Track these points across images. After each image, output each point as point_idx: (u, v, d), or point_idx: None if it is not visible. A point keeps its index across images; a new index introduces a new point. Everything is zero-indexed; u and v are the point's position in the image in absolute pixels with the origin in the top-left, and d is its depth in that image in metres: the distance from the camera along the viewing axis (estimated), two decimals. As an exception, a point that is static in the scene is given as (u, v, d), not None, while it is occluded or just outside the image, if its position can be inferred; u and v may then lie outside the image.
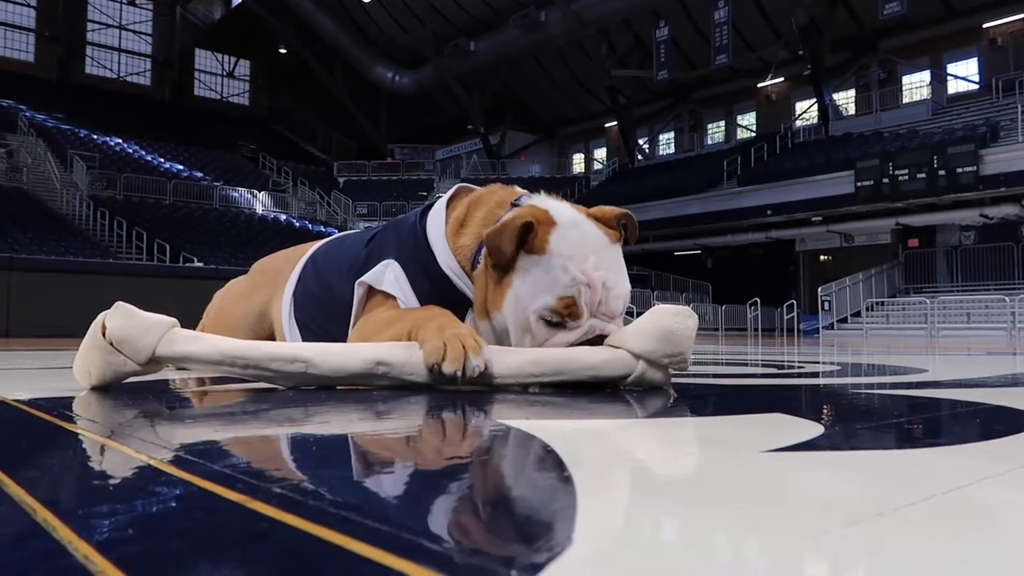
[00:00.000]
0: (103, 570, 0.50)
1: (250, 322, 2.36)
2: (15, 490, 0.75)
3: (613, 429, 1.30)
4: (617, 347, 1.82)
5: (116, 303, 1.77)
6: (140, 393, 1.76)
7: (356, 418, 1.38)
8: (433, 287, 1.96)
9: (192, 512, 0.69)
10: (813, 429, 1.21)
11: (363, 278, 2.02)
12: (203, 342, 1.75)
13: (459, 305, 1.95)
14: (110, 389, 1.77)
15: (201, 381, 2.14)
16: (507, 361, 1.75)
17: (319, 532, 0.60)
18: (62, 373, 1.98)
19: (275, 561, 0.56)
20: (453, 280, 1.96)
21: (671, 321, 1.81)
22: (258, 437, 1.18)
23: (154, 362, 1.74)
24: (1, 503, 0.71)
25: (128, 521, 0.65)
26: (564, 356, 1.78)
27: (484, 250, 1.88)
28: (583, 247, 1.82)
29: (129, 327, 1.71)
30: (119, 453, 0.99)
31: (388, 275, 1.99)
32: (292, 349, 1.77)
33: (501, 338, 1.89)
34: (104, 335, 1.72)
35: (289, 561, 0.56)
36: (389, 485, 0.83)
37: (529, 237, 1.81)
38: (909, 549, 0.57)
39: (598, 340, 1.82)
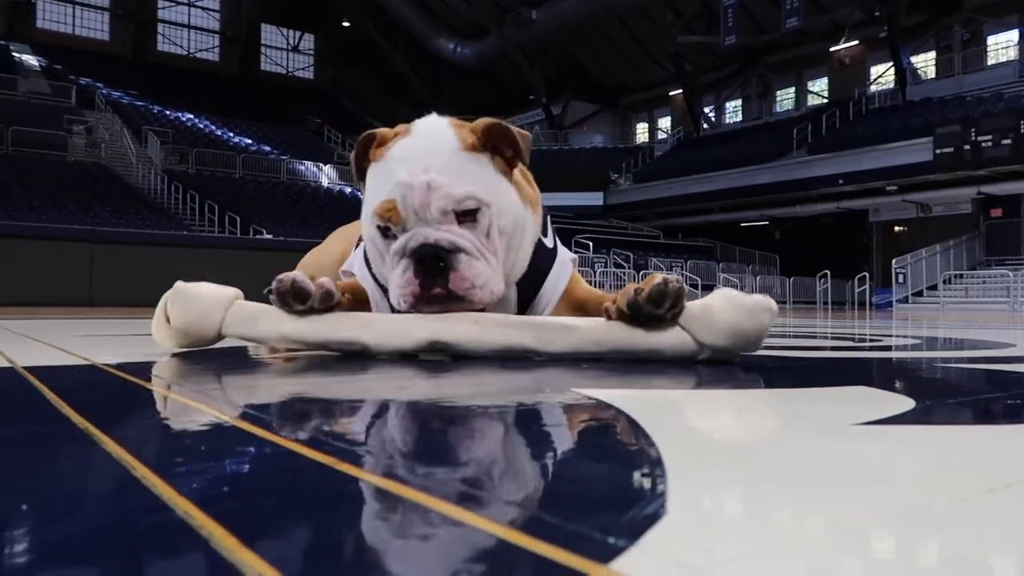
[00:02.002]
0: (204, 525, 0.51)
1: (326, 272, 2.41)
2: (113, 447, 0.77)
3: (694, 400, 1.28)
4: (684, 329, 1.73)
5: (176, 286, 1.78)
6: (224, 357, 1.81)
7: (435, 385, 1.39)
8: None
9: (281, 472, 0.70)
10: (902, 403, 1.16)
11: (343, 267, 2.09)
12: (264, 324, 1.76)
13: None
14: (193, 353, 1.83)
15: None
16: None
17: (404, 493, 0.60)
18: (145, 339, 2.06)
19: (363, 521, 0.56)
20: None
21: (744, 319, 1.65)
22: (342, 401, 1.20)
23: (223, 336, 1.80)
24: (102, 460, 0.73)
25: (222, 479, 0.67)
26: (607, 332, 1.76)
27: None
28: (421, 151, 1.74)
29: (189, 317, 1.75)
30: (206, 415, 1.02)
31: (356, 256, 2.04)
32: (349, 333, 1.75)
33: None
34: (169, 322, 1.78)
35: (377, 521, 0.56)
36: (473, 451, 0.83)
37: (372, 149, 1.81)
38: (1028, 528, 0.54)
39: (429, 249, 1.68)
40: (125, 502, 0.59)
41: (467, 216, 1.70)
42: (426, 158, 1.72)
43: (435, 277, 1.68)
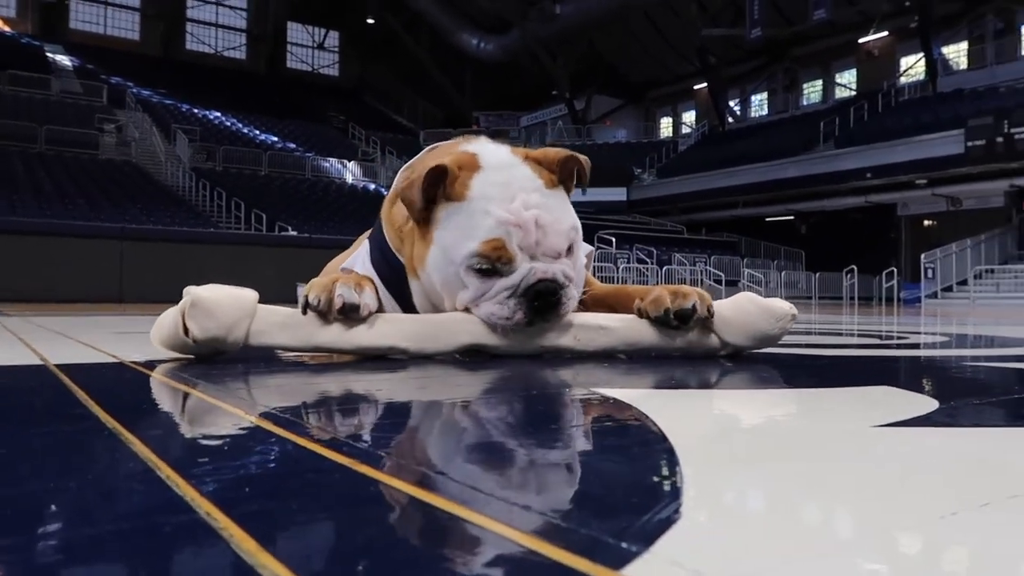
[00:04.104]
0: (225, 527, 0.52)
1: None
2: (139, 447, 0.79)
3: (714, 400, 1.27)
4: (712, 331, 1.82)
5: (191, 295, 1.63)
6: (249, 358, 1.83)
7: (454, 384, 1.40)
8: (384, 260, 1.89)
9: (302, 474, 0.71)
10: (926, 403, 1.15)
11: (344, 264, 2.01)
12: (297, 333, 1.66)
13: (406, 278, 1.84)
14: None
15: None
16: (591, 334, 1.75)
17: (422, 496, 0.61)
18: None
19: (384, 523, 0.57)
20: (395, 253, 1.86)
21: (772, 326, 1.79)
22: (362, 402, 1.21)
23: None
24: (127, 460, 0.75)
25: (244, 480, 0.68)
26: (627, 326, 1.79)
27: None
28: (508, 188, 1.68)
29: (212, 329, 1.61)
30: (231, 415, 1.04)
31: (360, 254, 1.98)
32: (389, 339, 1.69)
33: (431, 297, 1.78)
34: (187, 333, 1.63)
35: (396, 524, 0.57)
36: (488, 454, 0.83)
37: (445, 183, 1.68)
38: (1049, 535, 0.53)
39: (547, 284, 1.66)
40: (149, 502, 0.60)
41: (569, 250, 1.74)
42: (519, 195, 1.68)
43: (546, 313, 1.69)
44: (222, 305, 1.62)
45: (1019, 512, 0.58)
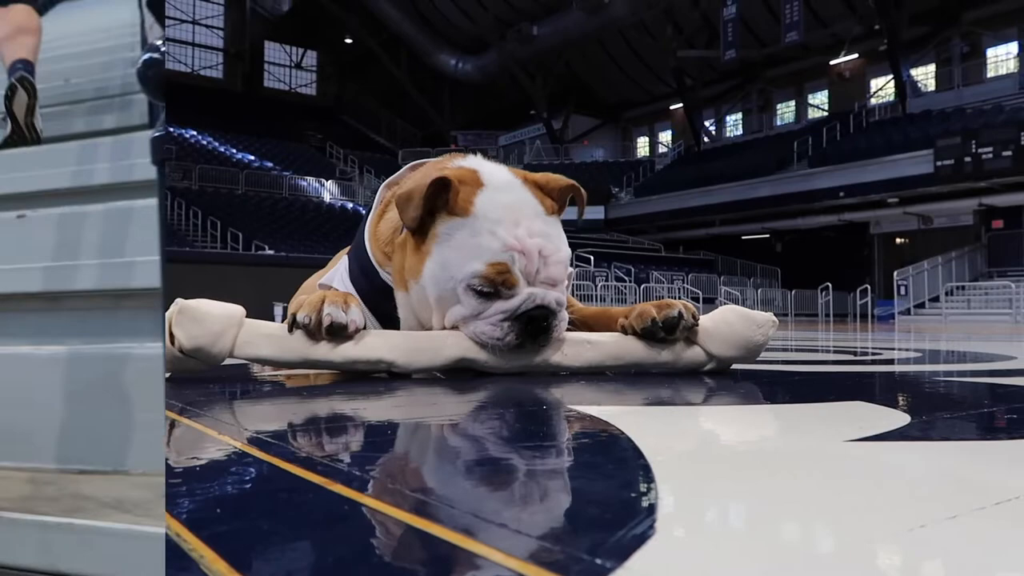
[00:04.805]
0: (195, 548, 0.51)
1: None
2: (109, 468, 0.78)
3: (690, 416, 1.28)
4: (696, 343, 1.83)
5: (179, 304, 1.64)
6: (223, 377, 1.81)
7: (431, 402, 1.39)
8: (364, 276, 1.88)
9: (275, 493, 0.70)
10: (898, 418, 1.17)
11: (321, 280, 2.00)
12: (284, 345, 1.65)
13: (388, 296, 1.82)
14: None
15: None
16: (584, 354, 1.76)
17: (397, 515, 0.60)
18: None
19: (357, 541, 0.56)
20: (377, 269, 1.85)
21: (755, 333, 1.80)
22: (337, 421, 1.21)
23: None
24: (97, 481, 0.73)
25: (215, 500, 0.67)
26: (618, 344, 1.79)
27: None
28: (513, 212, 1.68)
29: (199, 337, 1.61)
30: (203, 434, 1.03)
31: (339, 269, 1.96)
32: (375, 352, 1.67)
33: (419, 311, 1.75)
34: (173, 342, 1.62)
35: (371, 542, 0.56)
36: (465, 471, 0.83)
37: (448, 197, 1.67)
38: (1016, 544, 0.54)
39: (542, 311, 1.67)
40: (118, 524, 0.59)
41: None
42: (522, 220, 1.68)
43: (537, 336, 1.70)
44: (210, 313, 1.63)
45: (985, 524, 0.58)
